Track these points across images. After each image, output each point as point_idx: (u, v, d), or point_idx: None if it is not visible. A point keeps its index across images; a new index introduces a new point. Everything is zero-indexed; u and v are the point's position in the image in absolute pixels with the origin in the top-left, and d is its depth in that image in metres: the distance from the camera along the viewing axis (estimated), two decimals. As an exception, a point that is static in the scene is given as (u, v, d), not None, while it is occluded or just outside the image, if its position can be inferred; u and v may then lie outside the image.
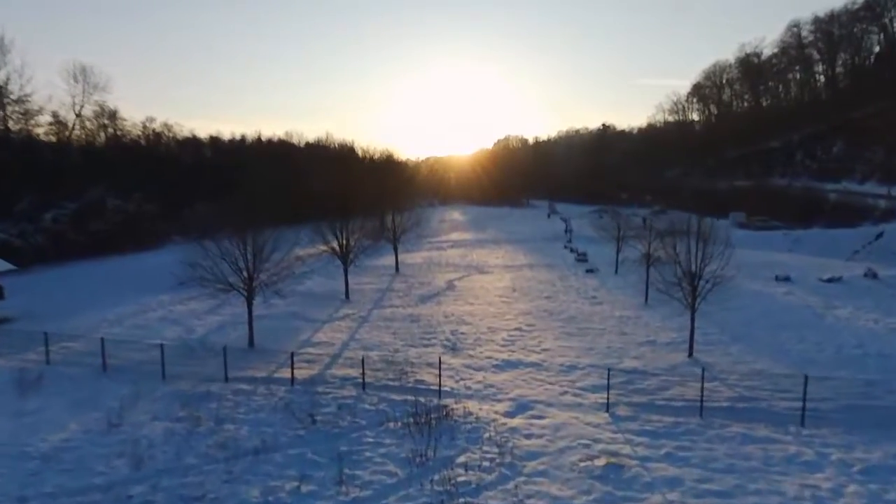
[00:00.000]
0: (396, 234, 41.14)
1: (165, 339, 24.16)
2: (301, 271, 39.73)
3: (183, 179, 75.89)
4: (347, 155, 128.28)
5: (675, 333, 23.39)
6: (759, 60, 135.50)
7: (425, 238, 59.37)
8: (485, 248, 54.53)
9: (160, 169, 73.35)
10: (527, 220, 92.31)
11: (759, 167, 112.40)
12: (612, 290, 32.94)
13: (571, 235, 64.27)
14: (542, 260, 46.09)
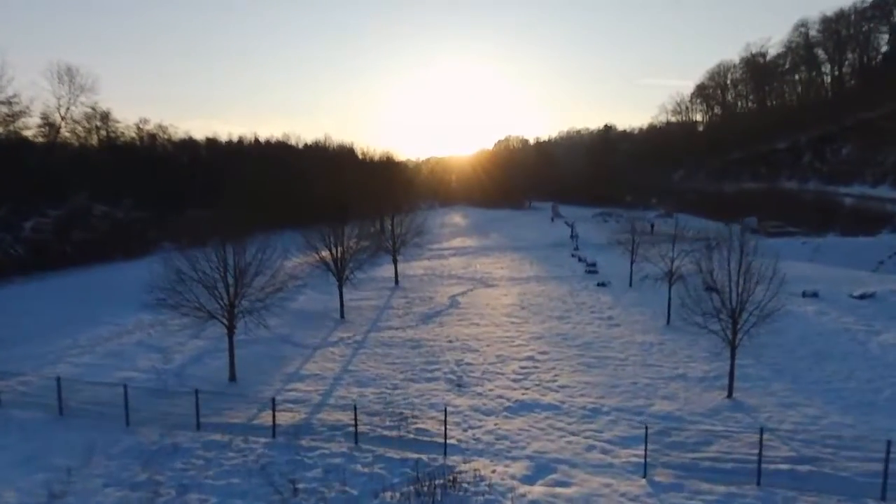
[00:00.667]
0: (396, 244, 38.59)
1: (139, 369, 21.70)
2: (294, 285, 37.46)
3: (177, 183, 73.35)
4: (347, 156, 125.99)
5: (707, 365, 20.85)
6: (764, 60, 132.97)
7: (426, 245, 56.80)
8: (489, 257, 51.96)
9: (153, 172, 70.80)
10: (530, 223, 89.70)
11: (765, 169, 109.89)
12: (628, 309, 30.37)
13: (577, 242, 61.72)
14: (550, 271, 43.53)
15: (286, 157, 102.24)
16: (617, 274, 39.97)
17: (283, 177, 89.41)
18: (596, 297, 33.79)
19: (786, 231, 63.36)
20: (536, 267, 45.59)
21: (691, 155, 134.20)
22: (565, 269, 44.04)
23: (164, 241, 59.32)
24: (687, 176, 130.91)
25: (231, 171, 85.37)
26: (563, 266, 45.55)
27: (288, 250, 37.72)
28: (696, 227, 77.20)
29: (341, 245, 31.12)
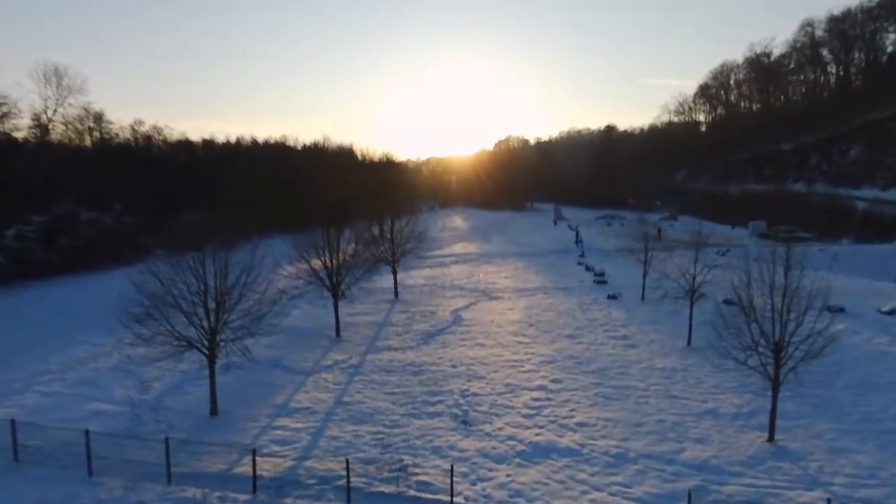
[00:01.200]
0: (396, 254, 36.52)
1: (113, 400, 19.69)
2: (288, 298, 35.49)
3: (172, 185, 71.31)
4: (346, 157, 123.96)
5: (738, 397, 18.85)
6: (769, 60, 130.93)
7: (426, 252, 54.79)
8: (491, 264, 49.91)
9: (148, 174, 68.79)
10: (532, 226, 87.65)
11: (770, 170, 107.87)
12: (643, 327, 28.35)
13: (583, 247, 59.70)
14: (556, 281, 41.48)
15: (284, 158, 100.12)
16: (627, 285, 37.94)
17: (281, 179, 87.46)
18: (607, 311, 31.75)
19: (798, 236, 61.23)
20: (542, 276, 43.55)
21: (694, 156, 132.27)
22: (572, 279, 42.00)
23: (156, 247, 57.46)
24: (690, 177, 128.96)
25: (228, 173, 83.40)
26: (570, 275, 43.50)
27: (281, 260, 36.01)
28: (704, 232, 75.09)
29: (336, 254, 28.97)
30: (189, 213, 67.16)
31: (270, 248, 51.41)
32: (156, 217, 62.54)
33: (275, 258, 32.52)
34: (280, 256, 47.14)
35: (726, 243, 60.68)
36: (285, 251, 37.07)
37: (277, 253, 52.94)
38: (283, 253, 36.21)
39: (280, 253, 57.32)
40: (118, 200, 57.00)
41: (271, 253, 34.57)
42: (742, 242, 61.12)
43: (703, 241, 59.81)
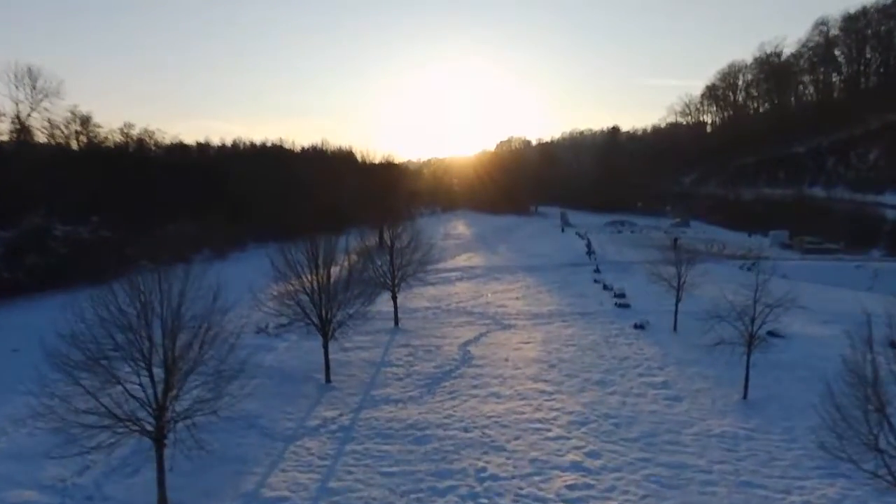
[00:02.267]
0: (396, 277, 32.34)
1: (41, 483, 15.64)
2: (273, 328, 31.38)
3: (163, 192, 67.27)
4: (346, 160, 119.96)
5: (829, 485, 14.72)
6: (779, 60, 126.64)
7: (429, 265, 50.70)
8: (500, 281, 45.77)
9: (136, 181, 64.75)
10: (539, 233, 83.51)
11: (784, 174, 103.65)
12: (684, 370, 24.20)
13: (596, 259, 55.60)
14: (573, 303, 37.33)
15: (282, 161, 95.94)
16: (653, 309, 33.93)
17: (278, 182, 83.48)
18: (637, 347, 27.59)
19: (824, 248, 57.06)
20: (556, 297, 39.38)
21: (702, 158, 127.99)
22: (590, 301, 37.85)
23: (142, 259, 53.36)
24: (700, 180, 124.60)
25: (224, 178, 79.40)
26: (587, 295, 39.34)
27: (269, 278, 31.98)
28: (720, 240, 71.12)
29: (326, 278, 24.78)
30: (179, 222, 63.33)
31: (260, 260, 47.49)
32: (144, 226, 58.63)
33: (265, 273, 28.64)
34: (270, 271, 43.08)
35: (748, 255, 56.47)
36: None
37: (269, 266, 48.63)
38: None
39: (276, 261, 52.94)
40: (100, 209, 52.96)
41: (260, 268, 30.77)
42: (764, 254, 56.85)
43: (721, 252, 55.61)
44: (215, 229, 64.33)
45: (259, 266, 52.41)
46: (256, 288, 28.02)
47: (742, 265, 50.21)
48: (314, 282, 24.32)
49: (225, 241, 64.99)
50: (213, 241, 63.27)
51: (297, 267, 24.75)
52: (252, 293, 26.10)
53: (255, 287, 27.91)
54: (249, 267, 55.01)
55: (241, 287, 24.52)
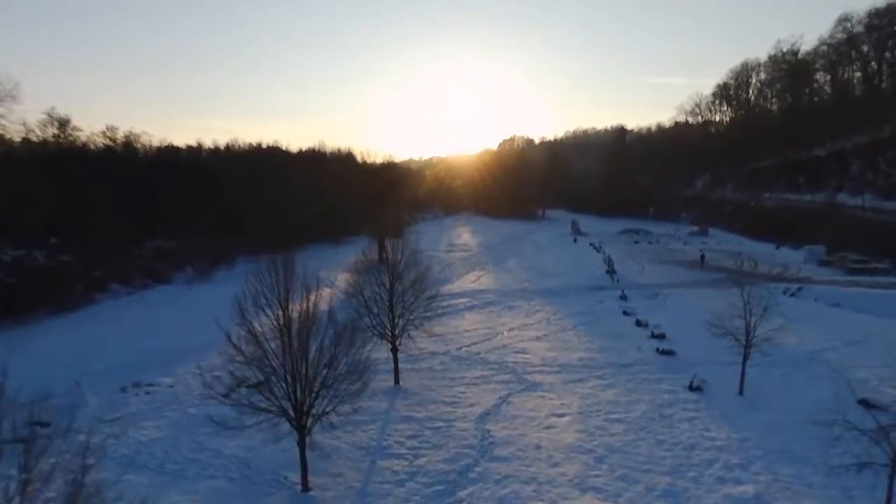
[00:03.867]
0: (396, 326, 26.16)
1: None
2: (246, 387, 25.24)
3: (142, 202, 61.19)
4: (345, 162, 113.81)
5: None
6: (796, 58, 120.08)
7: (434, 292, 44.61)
8: (515, 311, 39.59)
9: (112, 191, 58.60)
10: (549, 242, 77.29)
11: (804, 179, 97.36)
12: (772, 463, 18.11)
13: (618, 280, 49.53)
14: (606, 345, 31.19)
15: (278, 165, 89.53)
16: (700, 356, 28.21)
17: (273, 189, 77.30)
18: (702, 424, 21.42)
19: (872, 268, 50.77)
20: (584, 336, 33.21)
21: (715, 160, 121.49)
22: (625, 342, 31.72)
23: (112, 283, 47.29)
24: (714, 183, 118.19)
25: (213, 184, 73.23)
26: (621, 335, 33.17)
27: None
28: (747, 254, 64.86)
29: (301, 337, 18.46)
30: (159, 237, 57.16)
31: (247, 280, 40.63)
32: (118, 243, 52.55)
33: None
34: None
35: (786, 275, 50.36)
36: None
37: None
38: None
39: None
40: (67, 226, 46.86)
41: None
42: (801, 273, 50.76)
43: (754, 271, 48.93)
44: (201, 244, 58.23)
45: (243, 289, 46.06)
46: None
47: (786, 290, 44.07)
48: (283, 347, 17.91)
49: (213, 256, 58.86)
50: (199, 256, 57.12)
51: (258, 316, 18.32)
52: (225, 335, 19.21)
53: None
54: (232, 290, 49.21)
55: (220, 316, 18.47)
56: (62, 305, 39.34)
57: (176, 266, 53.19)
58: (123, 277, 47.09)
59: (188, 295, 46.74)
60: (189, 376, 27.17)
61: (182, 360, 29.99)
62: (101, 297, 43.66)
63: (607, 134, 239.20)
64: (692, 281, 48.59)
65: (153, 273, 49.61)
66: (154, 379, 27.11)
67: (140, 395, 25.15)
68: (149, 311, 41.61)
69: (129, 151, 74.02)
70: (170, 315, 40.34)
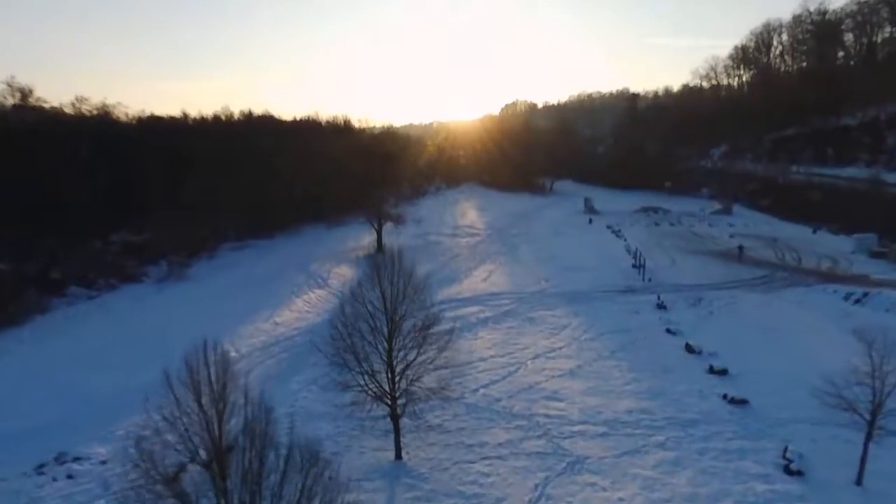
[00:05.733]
0: (396, 390, 19.38)
1: None
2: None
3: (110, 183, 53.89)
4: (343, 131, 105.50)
5: None
6: (824, 18, 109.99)
7: (441, 292, 38.12)
8: (536, 326, 32.93)
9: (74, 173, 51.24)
10: (562, 223, 70.32)
11: (833, 151, 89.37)
12: None
13: (647, 274, 42.94)
14: (655, 386, 24.71)
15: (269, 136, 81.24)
16: (785, 410, 21.76)
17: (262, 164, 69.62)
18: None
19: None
20: (627, 372, 26.57)
21: (733, 128, 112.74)
22: (681, 381, 25.23)
23: (71, 285, 40.58)
24: (733, 154, 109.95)
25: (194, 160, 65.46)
26: (673, 369, 26.60)
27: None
28: (785, 240, 57.82)
29: None
30: (127, 227, 50.12)
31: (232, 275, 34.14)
32: (84, 235, 45.63)
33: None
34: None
35: (837, 272, 43.67)
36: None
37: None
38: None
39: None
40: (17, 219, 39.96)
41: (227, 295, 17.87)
42: (854, 269, 44.01)
43: (799, 267, 42.20)
44: (179, 231, 51.08)
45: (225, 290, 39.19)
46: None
47: (847, 295, 37.37)
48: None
49: (192, 245, 51.89)
50: (176, 246, 50.10)
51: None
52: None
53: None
54: (212, 289, 42.48)
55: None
56: (2, 319, 32.78)
57: (148, 260, 46.37)
58: (84, 278, 40.37)
59: (158, 297, 40.12)
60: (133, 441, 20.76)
61: (131, 407, 23.57)
62: (55, 305, 37.01)
63: (614, 98, 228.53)
64: (734, 280, 41.93)
65: (119, 271, 42.88)
66: (86, 447, 20.75)
67: (60, 481, 18.78)
68: (107, 322, 35.03)
69: (102, 124, 65.96)
70: (132, 328, 33.79)
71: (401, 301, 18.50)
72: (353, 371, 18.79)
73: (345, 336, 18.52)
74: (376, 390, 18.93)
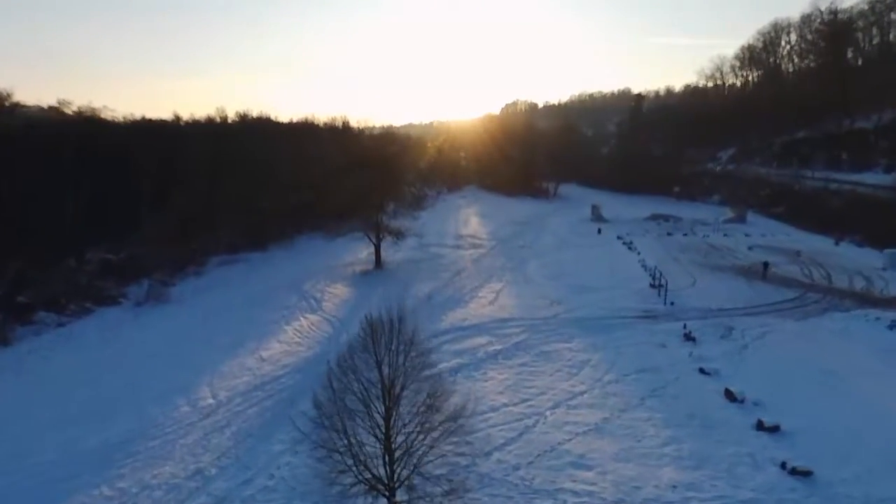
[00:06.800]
0: (395, 478, 15.59)
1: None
2: None
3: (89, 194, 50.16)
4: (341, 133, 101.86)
5: None
6: (836, 17, 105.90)
7: (442, 321, 34.47)
8: (554, 363, 29.06)
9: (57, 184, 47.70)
10: (569, 232, 66.71)
11: (848, 156, 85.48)
12: None
13: (667, 294, 39.19)
14: (699, 450, 20.86)
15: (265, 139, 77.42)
16: (857, 483, 17.97)
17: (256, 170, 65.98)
18: None
19: None
20: (662, 427, 22.68)
21: (741, 130, 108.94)
22: (726, 442, 21.36)
23: (40, 310, 36.77)
24: (741, 156, 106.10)
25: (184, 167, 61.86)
26: (715, 424, 22.68)
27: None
28: (809, 254, 54.03)
29: None
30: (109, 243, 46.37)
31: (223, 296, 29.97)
32: (60, 252, 41.88)
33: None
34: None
35: (873, 293, 39.93)
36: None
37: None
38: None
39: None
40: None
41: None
42: (890, 289, 40.26)
43: (831, 287, 38.68)
44: (164, 245, 47.39)
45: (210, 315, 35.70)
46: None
47: (892, 324, 33.58)
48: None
49: (179, 261, 48.12)
50: (162, 262, 46.36)
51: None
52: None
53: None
54: (197, 312, 38.58)
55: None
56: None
57: (129, 278, 42.60)
58: (55, 302, 36.57)
59: (134, 325, 36.35)
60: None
61: (78, 479, 19.87)
62: (20, 335, 33.29)
63: (615, 98, 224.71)
64: (762, 304, 38.17)
65: (95, 293, 39.10)
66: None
67: None
68: (72, 357, 31.30)
69: (87, 127, 62.09)
70: (99, 366, 30.09)
71: (400, 374, 14.69)
72: (344, 455, 14.98)
73: (332, 417, 14.69)
74: (370, 479, 15.13)
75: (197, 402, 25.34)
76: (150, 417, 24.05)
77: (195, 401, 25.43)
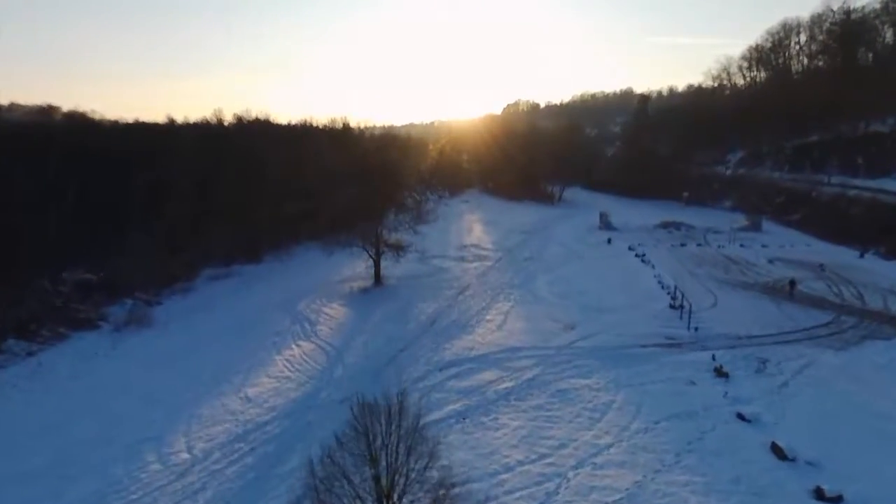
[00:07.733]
0: None
1: None
2: None
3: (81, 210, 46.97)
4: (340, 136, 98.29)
5: None
6: (849, 17, 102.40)
7: (447, 351, 31.27)
8: (573, 405, 25.81)
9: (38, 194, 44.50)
10: (577, 242, 63.40)
11: (864, 160, 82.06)
12: None
13: (689, 316, 35.85)
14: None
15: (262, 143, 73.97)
16: None
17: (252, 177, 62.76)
18: None
19: None
20: (697, 484, 19.59)
21: (750, 133, 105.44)
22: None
23: (9, 337, 33.49)
24: (751, 160, 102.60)
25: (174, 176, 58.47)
26: (765, 492, 19.49)
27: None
28: (834, 268, 50.63)
29: None
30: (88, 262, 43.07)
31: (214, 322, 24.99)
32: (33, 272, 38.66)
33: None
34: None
35: None
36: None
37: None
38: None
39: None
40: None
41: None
42: None
43: (864, 309, 35.13)
44: (153, 258, 44.12)
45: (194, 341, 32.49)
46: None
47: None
48: None
49: (166, 277, 44.82)
50: (148, 278, 43.08)
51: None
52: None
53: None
54: (176, 344, 35.12)
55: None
56: None
57: (112, 297, 39.36)
58: (25, 328, 33.33)
59: (110, 355, 33.05)
60: None
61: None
62: None
63: (618, 98, 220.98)
64: (794, 329, 34.88)
65: (71, 316, 35.83)
66: None
67: None
68: (38, 395, 28.05)
69: (74, 133, 58.88)
70: (67, 407, 26.80)
71: (401, 477, 11.43)
72: None
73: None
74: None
75: (169, 457, 22.09)
76: (115, 478, 20.82)
77: (167, 456, 22.18)
